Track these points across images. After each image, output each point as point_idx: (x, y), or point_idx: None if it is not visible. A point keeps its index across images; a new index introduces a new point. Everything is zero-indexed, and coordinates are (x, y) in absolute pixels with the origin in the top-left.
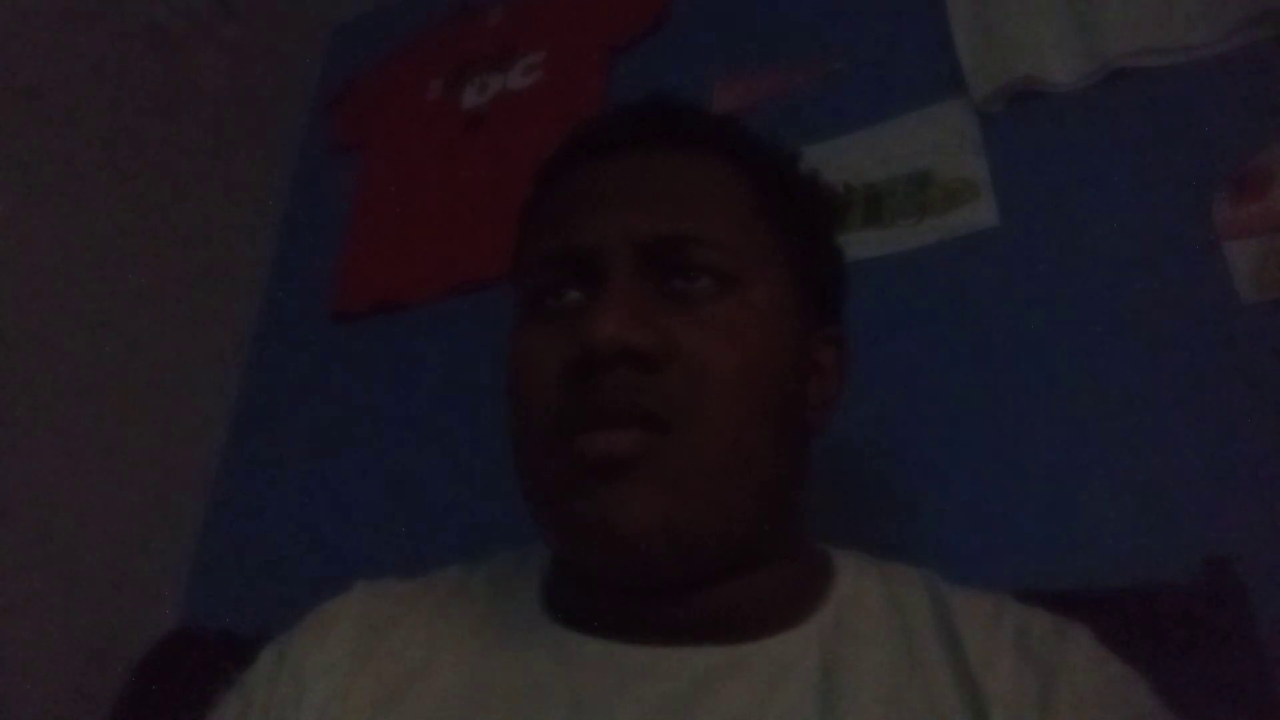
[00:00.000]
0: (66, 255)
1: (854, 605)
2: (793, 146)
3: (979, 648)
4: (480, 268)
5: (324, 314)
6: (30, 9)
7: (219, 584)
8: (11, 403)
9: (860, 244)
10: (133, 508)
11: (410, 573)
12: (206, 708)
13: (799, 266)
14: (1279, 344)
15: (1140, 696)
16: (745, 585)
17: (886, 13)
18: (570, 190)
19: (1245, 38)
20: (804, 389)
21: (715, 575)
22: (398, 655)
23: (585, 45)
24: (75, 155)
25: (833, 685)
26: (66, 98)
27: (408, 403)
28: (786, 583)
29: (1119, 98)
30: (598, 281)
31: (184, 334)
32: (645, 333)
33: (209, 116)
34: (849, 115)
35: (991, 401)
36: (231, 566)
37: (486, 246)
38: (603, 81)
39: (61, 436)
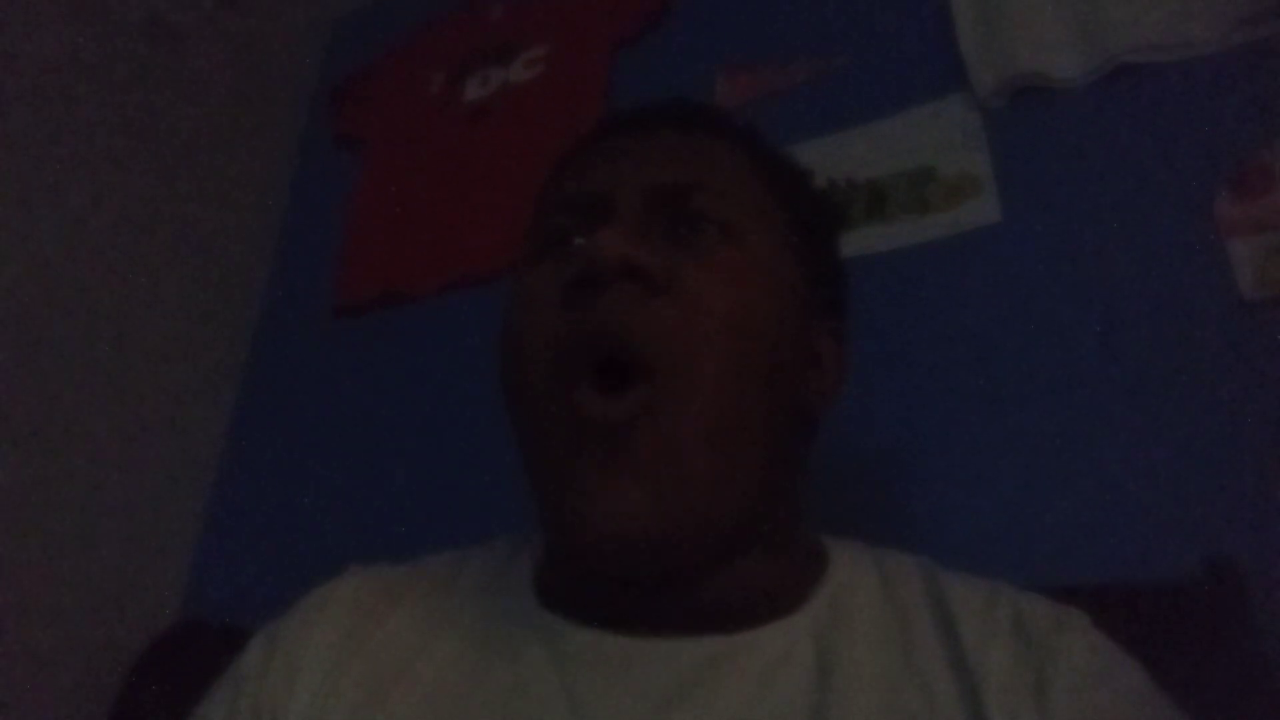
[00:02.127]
0: (68, 248)
1: (849, 594)
2: (795, 141)
3: (974, 634)
4: (483, 261)
5: (326, 307)
6: (31, 2)
7: (221, 577)
8: (13, 397)
9: (862, 239)
10: (134, 501)
11: (406, 560)
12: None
13: (801, 252)
14: None
15: (1137, 682)
16: (740, 573)
17: (889, 7)
18: (583, 158)
19: (1249, 34)
20: (803, 372)
21: (711, 561)
22: (389, 643)
23: (587, 39)
24: (76, 148)
25: (827, 675)
26: (67, 90)
27: (410, 395)
28: (781, 571)
29: (1122, 94)
30: (605, 220)
31: (186, 326)
32: (648, 251)
33: (210, 109)
34: (851, 110)
35: (993, 397)
36: (233, 560)
37: (489, 240)
38: (605, 75)
39: (63, 430)
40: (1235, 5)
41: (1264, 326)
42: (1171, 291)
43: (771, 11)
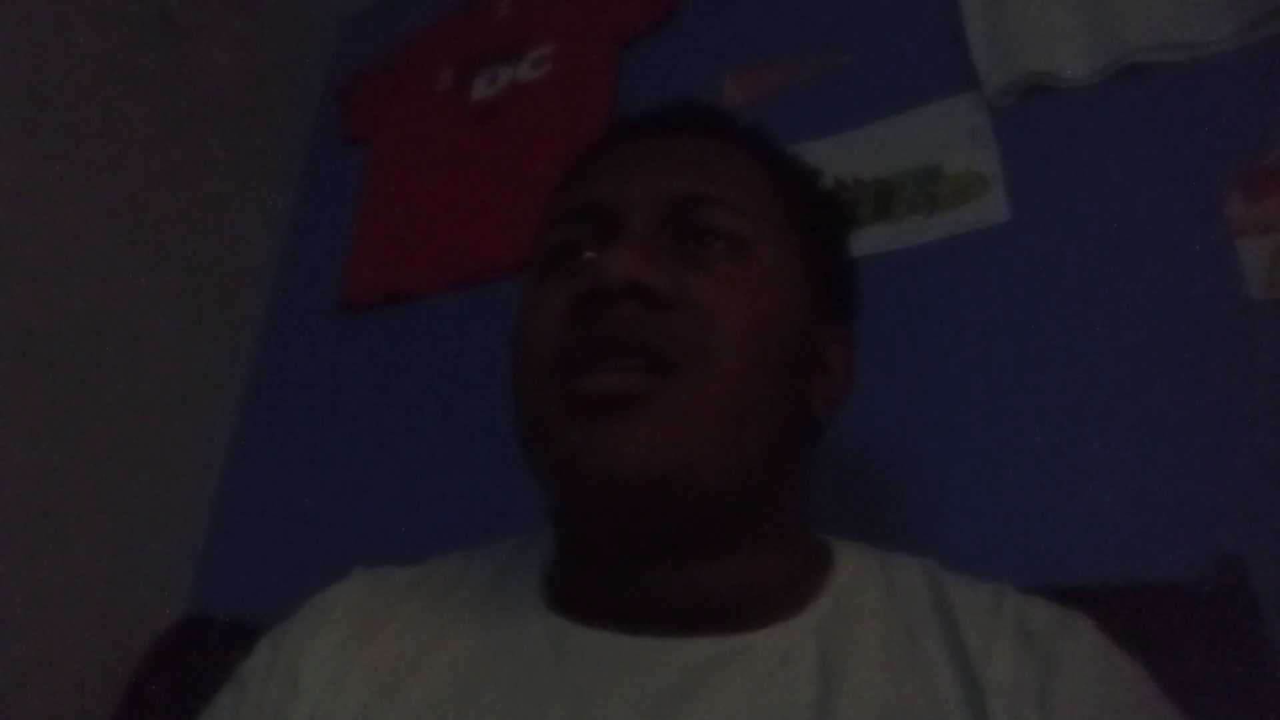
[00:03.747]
0: (78, 247)
1: (853, 595)
2: (802, 140)
3: (978, 637)
4: (489, 259)
5: (333, 305)
6: (40, 1)
7: (227, 572)
8: (21, 392)
9: (869, 239)
10: (142, 496)
11: (414, 561)
12: (212, 695)
13: (810, 259)
14: None
15: (1140, 687)
16: (743, 568)
17: (897, 5)
18: (594, 165)
19: (1259, 34)
20: (810, 375)
21: (712, 542)
22: (394, 645)
23: (595, 38)
24: (85, 147)
25: (830, 677)
26: (76, 89)
27: (416, 393)
28: (785, 571)
29: (1131, 93)
30: (615, 235)
31: (194, 324)
32: (657, 272)
33: (219, 108)
34: (859, 109)
35: (1000, 397)
36: (240, 555)
37: (496, 238)
38: (612, 74)
39: (72, 427)
40: (1243, 5)
41: (1272, 326)
42: (1179, 291)
43: (778, 10)
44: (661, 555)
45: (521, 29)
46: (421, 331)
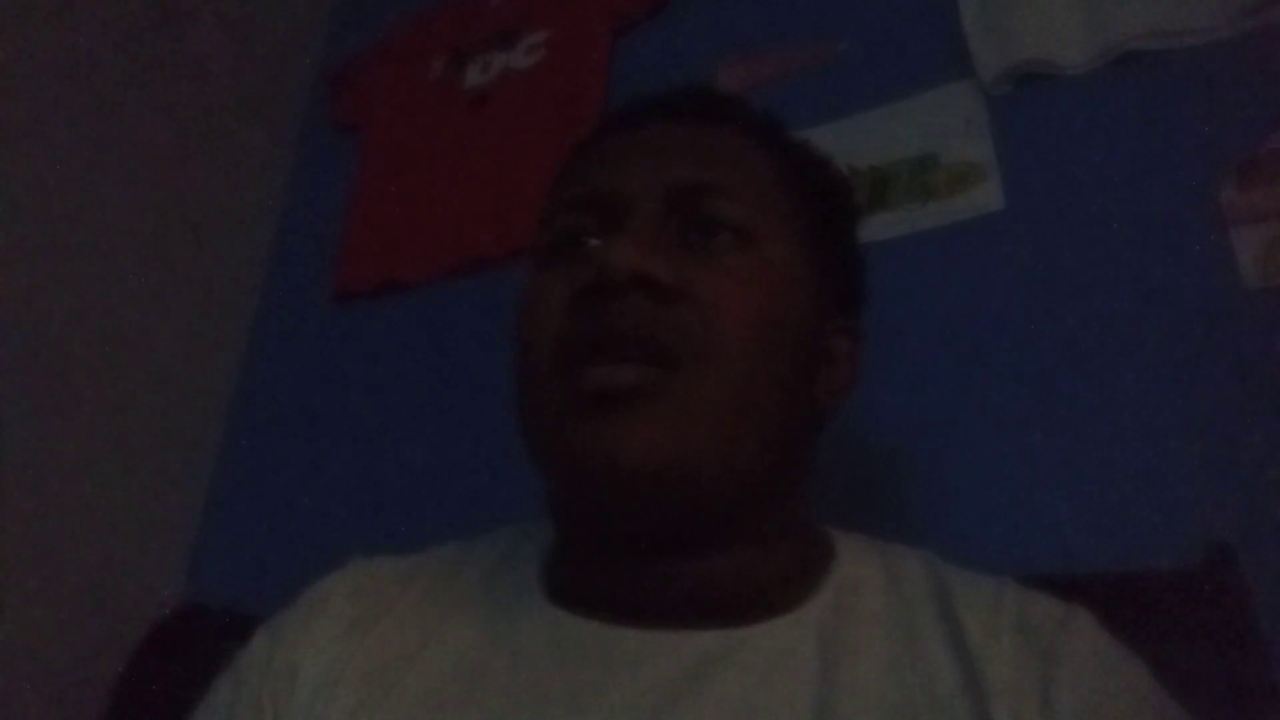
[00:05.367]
0: (67, 234)
1: (854, 588)
2: (798, 128)
3: (980, 632)
4: (483, 247)
5: (326, 293)
6: None
7: (222, 562)
8: (12, 382)
9: (864, 227)
10: (136, 486)
11: (411, 550)
12: (207, 685)
13: (817, 249)
14: None
15: (1141, 682)
16: (744, 562)
17: None
18: (598, 151)
19: (1256, 21)
20: (815, 367)
21: (713, 537)
22: (392, 636)
23: (589, 25)
24: (73, 133)
25: (831, 669)
26: (64, 74)
27: (410, 382)
28: (786, 563)
29: (1127, 81)
30: (619, 224)
31: (186, 312)
32: (661, 264)
33: (210, 94)
34: (854, 97)
35: (994, 386)
36: (234, 544)
37: (489, 226)
38: (606, 61)
39: (64, 417)
40: None
41: (1266, 315)
42: (1174, 280)
43: None
44: (662, 549)
45: (515, 16)
46: (415, 320)
